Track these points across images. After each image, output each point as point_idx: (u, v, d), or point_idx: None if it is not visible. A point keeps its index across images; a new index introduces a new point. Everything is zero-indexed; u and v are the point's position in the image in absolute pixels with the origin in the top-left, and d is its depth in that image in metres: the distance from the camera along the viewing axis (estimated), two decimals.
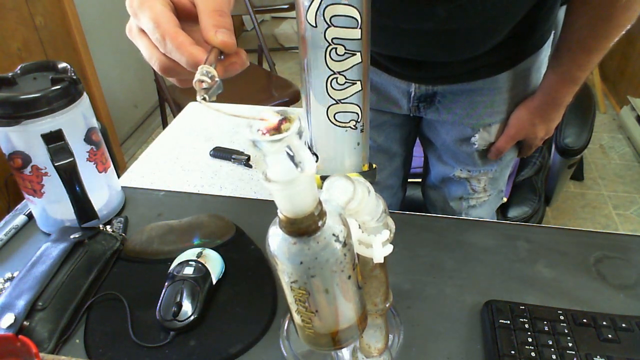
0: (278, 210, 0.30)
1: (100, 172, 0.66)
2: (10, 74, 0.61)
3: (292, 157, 0.26)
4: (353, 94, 0.42)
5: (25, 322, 0.51)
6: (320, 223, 0.31)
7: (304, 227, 0.30)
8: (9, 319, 0.51)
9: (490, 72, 0.73)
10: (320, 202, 0.30)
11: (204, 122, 1.04)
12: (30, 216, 0.70)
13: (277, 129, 0.26)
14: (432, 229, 0.66)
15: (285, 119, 0.27)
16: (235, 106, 1.09)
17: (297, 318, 0.36)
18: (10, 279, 0.59)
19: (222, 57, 0.37)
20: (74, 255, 0.59)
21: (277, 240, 0.32)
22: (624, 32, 0.65)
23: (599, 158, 2.39)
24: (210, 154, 0.93)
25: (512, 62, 0.73)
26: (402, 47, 0.72)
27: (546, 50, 0.76)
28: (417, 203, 1.15)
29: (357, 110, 0.43)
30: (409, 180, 1.02)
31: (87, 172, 0.63)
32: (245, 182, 0.86)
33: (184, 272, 0.56)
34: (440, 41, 0.68)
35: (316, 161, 0.27)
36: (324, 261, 0.31)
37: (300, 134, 0.26)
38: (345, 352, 0.48)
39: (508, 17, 0.64)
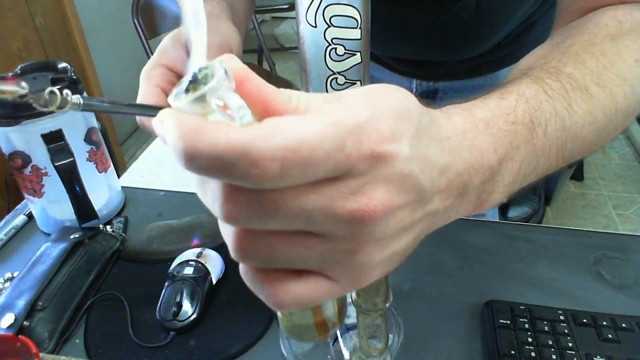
0: None
1: (100, 172, 0.66)
2: (10, 73, 0.61)
3: (225, 113, 0.20)
4: None
5: (25, 322, 0.51)
6: None
7: None
8: (9, 319, 0.51)
9: (491, 69, 0.74)
10: None
11: None
12: (30, 216, 0.70)
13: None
14: None
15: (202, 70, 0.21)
16: None
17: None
18: (10, 279, 0.59)
19: None
20: (74, 255, 0.59)
21: None
22: None
23: (599, 158, 2.39)
24: None
25: (513, 59, 0.73)
26: (400, 49, 0.72)
27: None
28: None
29: None
30: None
31: (87, 172, 0.63)
32: None
33: (184, 272, 0.56)
34: (438, 43, 0.68)
35: None
36: None
37: (225, 79, 0.20)
38: (345, 352, 0.48)
39: (503, 21, 0.64)
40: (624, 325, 0.49)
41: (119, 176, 0.77)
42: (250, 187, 0.19)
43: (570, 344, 0.47)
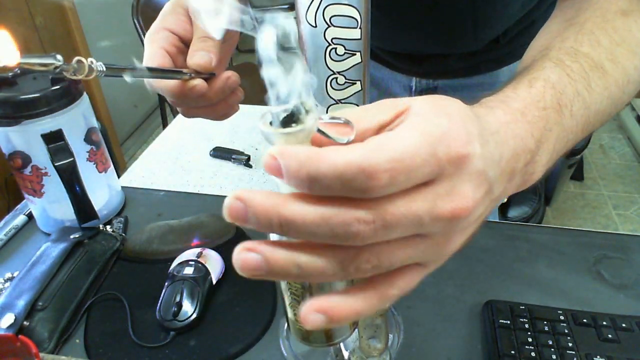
0: None
1: (100, 172, 0.66)
2: (10, 73, 0.61)
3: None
4: (353, 94, 0.42)
5: (25, 322, 0.51)
6: None
7: None
8: (9, 319, 0.51)
9: (490, 67, 0.74)
10: None
11: (204, 122, 1.04)
12: (30, 216, 0.70)
13: (292, 120, 0.25)
14: None
15: (300, 107, 0.25)
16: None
17: (289, 312, 0.36)
18: (11, 279, 0.59)
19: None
20: (74, 255, 0.59)
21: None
22: None
23: (599, 158, 2.39)
24: (210, 154, 0.93)
25: (513, 57, 0.73)
26: (398, 40, 0.72)
27: None
28: None
29: None
30: None
31: (87, 172, 0.63)
32: (245, 182, 0.86)
33: (184, 272, 0.56)
34: (436, 33, 0.68)
35: None
36: None
37: (316, 128, 0.25)
38: (345, 352, 0.48)
39: (499, 11, 0.64)
40: (623, 325, 0.49)
41: (119, 176, 0.77)
42: (362, 197, 0.22)
43: (570, 344, 0.47)
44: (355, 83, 0.41)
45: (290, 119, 0.25)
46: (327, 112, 0.43)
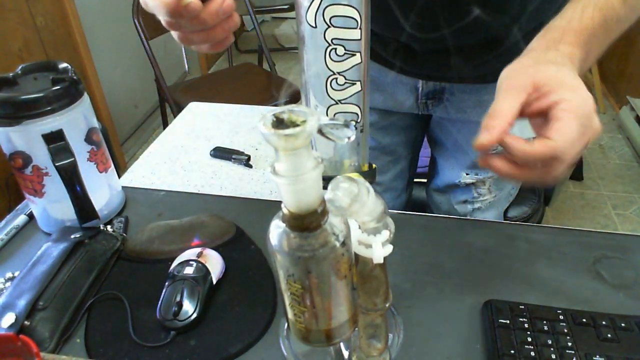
0: (282, 205, 0.31)
1: (100, 172, 0.66)
2: (10, 74, 0.61)
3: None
4: (353, 95, 0.42)
5: (26, 322, 0.51)
6: (322, 221, 0.31)
7: (306, 223, 0.30)
8: (9, 318, 0.51)
9: (497, 78, 0.72)
10: (324, 201, 0.31)
11: (204, 122, 1.04)
12: (31, 216, 0.70)
13: (293, 124, 0.25)
14: (432, 229, 0.66)
15: (301, 109, 0.26)
16: (234, 106, 1.09)
17: (289, 312, 0.37)
18: (11, 279, 0.60)
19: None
20: (74, 255, 0.59)
21: (278, 233, 0.32)
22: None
23: (598, 158, 2.39)
24: (210, 154, 0.93)
25: None
26: (399, 23, 0.70)
27: None
28: (420, 203, 1.15)
29: (357, 110, 0.43)
30: (414, 180, 1.01)
31: (88, 172, 0.63)
32: (245, 182, 0.86)
33: (185, 272, 0.56)
34: (435, 13, 0.66)
35: (321, 161, 0.26)
36: (322, 258, 0.32)
37: (316, 130, 0.26)
38: (345, 352, 0.48)
39: (511, 29, 0.64)
40: (623, 324, 0.49)
41: (119, 176, 0.77)
42: None
43: (569, 344, 0.47)
44: (355, 83, 0.41)
45: (291, 121, 0.25)
46: (326, 113, 0.43)
